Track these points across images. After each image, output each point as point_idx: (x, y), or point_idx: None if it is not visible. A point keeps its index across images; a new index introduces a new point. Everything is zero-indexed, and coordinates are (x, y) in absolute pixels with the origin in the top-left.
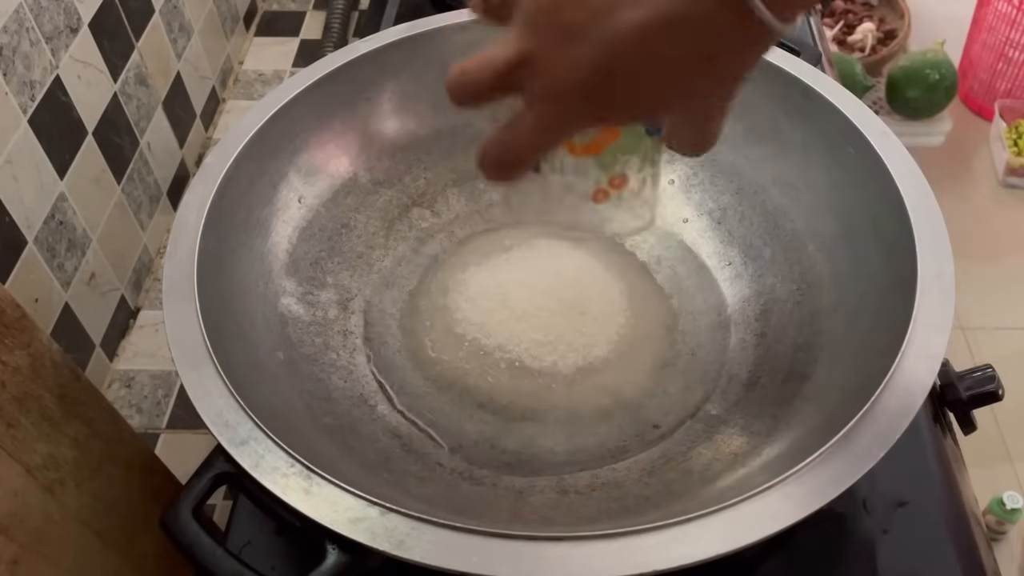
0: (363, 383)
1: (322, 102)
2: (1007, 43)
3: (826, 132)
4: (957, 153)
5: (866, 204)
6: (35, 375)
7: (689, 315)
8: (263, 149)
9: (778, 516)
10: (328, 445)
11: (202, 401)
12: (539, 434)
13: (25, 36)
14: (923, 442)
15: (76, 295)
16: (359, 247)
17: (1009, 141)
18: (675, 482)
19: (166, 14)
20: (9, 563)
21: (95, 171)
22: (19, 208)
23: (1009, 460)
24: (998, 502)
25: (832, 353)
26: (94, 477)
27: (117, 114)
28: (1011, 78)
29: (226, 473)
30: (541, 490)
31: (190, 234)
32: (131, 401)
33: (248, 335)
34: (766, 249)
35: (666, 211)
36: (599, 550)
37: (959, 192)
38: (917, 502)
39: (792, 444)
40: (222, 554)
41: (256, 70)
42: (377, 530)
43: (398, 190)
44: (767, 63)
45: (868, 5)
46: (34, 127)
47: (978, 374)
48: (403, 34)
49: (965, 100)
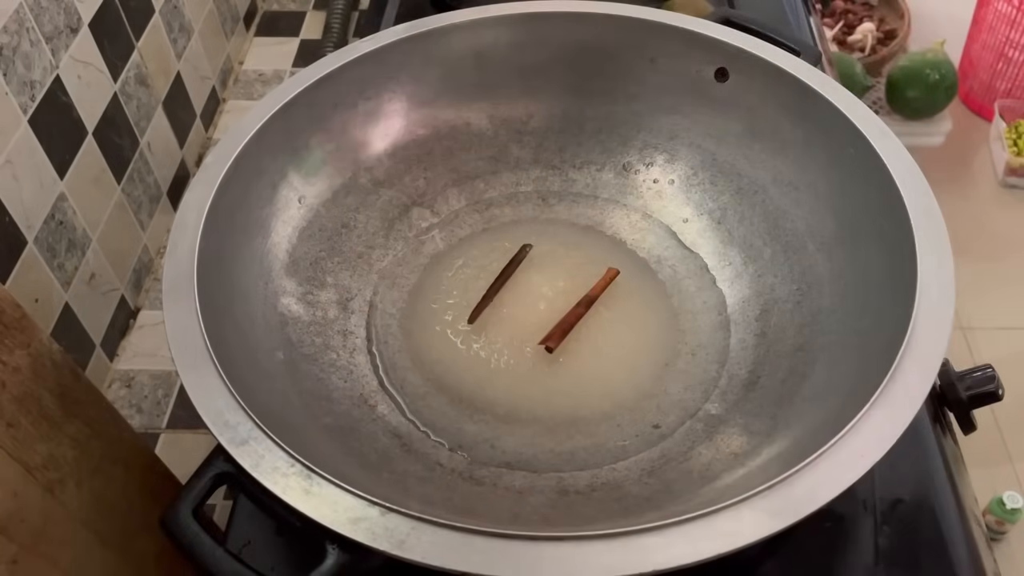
0: (363, 383)
1: (322, 102)
2: (1007, 43)
3: (826, 132)
4: (957, 153)
5: (866, 204)
6: (35, 375)
7: (689, 315)
8: (263, 149)
9: (778, 516)
10: (328, 445)
11: (202, 401)
12: (539, 434)
13: (25, 36)
14: (923, 442)
15: (76, 295)
16: (359, 247)
17: (1009, 141)
18: (675, 482)
19: (166, 14)
20: (9, 563)
21: (95, 171)
22: (19, 208)
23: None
24: (998, 502)
25: (832, 353)
26: (94, 477)
27: (117, 114)
28: (1011, 78)
29: (226, 473)
30: (541, 490)
31: (190, 234)
32: (131, 401)
33: (248, 335)
34: (766, 249)
35: (666, 211)
36: (599, 550)
37: (959, 192)
38: (917, 502)
39: (792, 444)
40: (222, 554)
41: (256, 70)
42: (377, 530)
43: (398, 190)
44: (767, 63)
45: (868, 5)
46: (34, 127)
47: (978, 374)
48: (403, 34)
49: (965, 100)
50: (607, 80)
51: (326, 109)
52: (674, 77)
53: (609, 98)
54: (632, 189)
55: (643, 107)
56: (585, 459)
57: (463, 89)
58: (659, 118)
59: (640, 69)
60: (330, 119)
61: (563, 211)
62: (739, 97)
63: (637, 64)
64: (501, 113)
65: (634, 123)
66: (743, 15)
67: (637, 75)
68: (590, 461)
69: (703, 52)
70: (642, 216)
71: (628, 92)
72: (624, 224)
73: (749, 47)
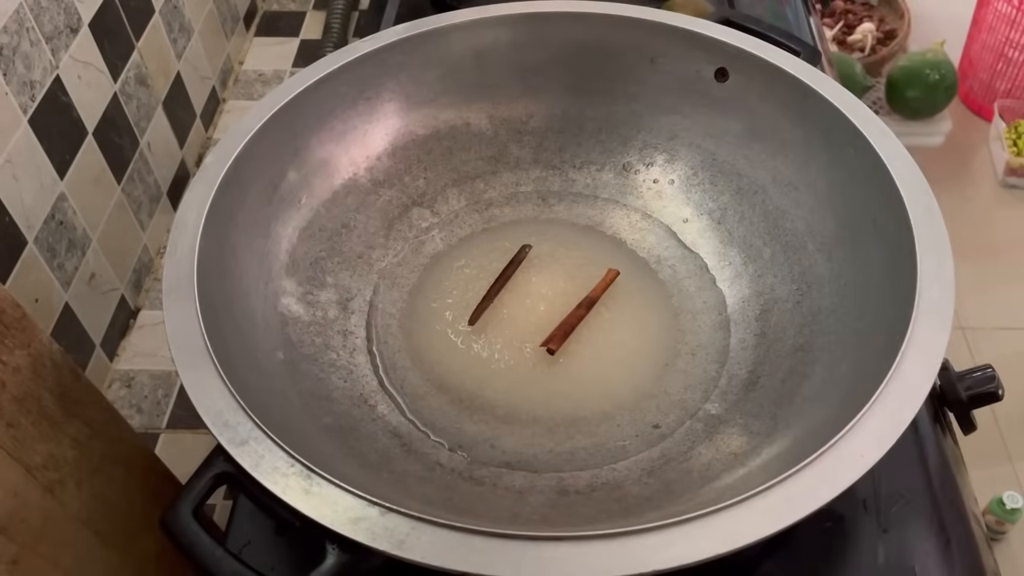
0: (363, 383)
1: (322, 102)
2: (1007, 43)
3: (826, 132)
4: (957, 153)
5: (866, 204)
6: (35, 375)
7: (689, 315)
8: (263, 149)
9: (778, 516)
10: (328, 445)
11: (202, 401)
12: (539, 434)
13: (25, 36)
14: (923, 442)
15: (76, 295)
16: (359, 247)
17: (1009, 141)
18: (675, 482)
19: (166, 14)
20: (9, 563)
21: (95, 171)
22: (19, 208)
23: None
24: (998, 502)
25: (832, 353)
26: (94, 477)
27: (117, 114)
28: (1011, 78)
29: (226, 473)
30: (541, 490)
31: (190, 234)
32: (131, 401)
33: (248, 335)
34: (766, 249)
35: (666, 211)
36: (599, 550)
37: (959, 192)
38: (917, 502)
39: (792, 444)
40: (222, 554)
41: (256, 70)
42: (377, 530)
43: (398, 190)
44: (767, 63)
45: (868, 5)
46: (34, 127)
47: (978, 374)
48: (403, 34)
49: (965, 100)
50: (607, 80)
51: (326, 109)
52: (674, 77)
53: (609, 98)
54: (632, 189)
55: (643, 107)
56: (585, 459)
57: (463, 89)
58: (659, 118)
59: (640, 69)
60: (330, 119)
61: (563, 211)
62: (739, 97)
63: (637, 64)
64: (501, 113)
65: (634, 123)
66: (743, 15)
67: (637, 75)
68: (590, 461)
69: (703, 52)
70: (642, 216)
71: (628, 92)
72: (624, 224)
73: (749, 47)
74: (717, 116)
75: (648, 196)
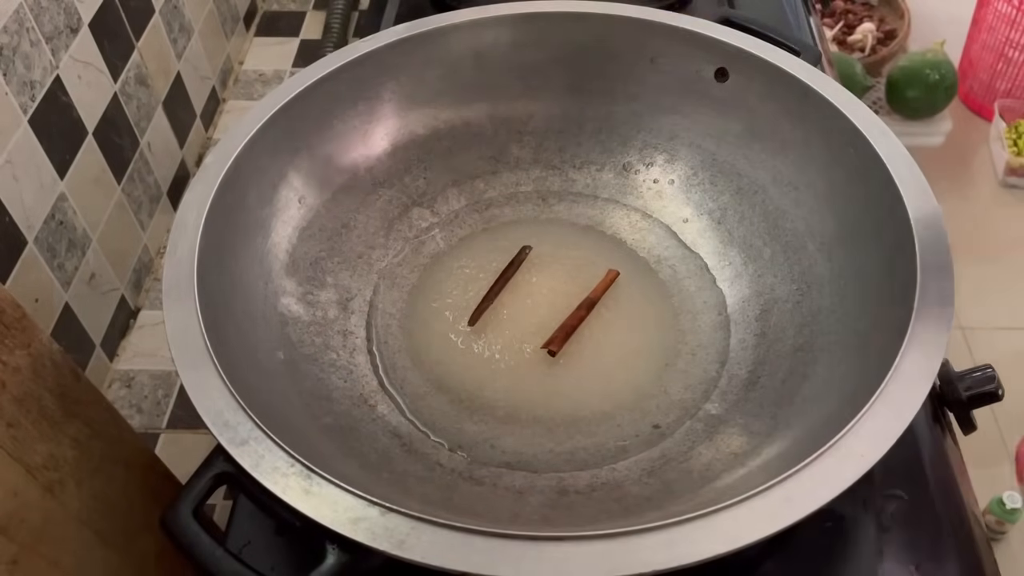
0: (363, 383)
1: (322, 102)
2: (1007, 43)
3: (826, 132)
4: (957, 153)
5: (866, 204)
6: (35, 375)
7: (689, 315)
8: (263, 149)
9: (778, 516)
10: (328, 445)
11: (202, 401)
12: (539, 434)
13: (25, 36)
14: (923, 442)
15: (76, 295)
16: (359, 247)
17: (1009, 141)
18: (675, 482)
19: (166, 14)
20: (9, 563)
21: (95, 171)
22: (19, 208)
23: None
24: (998, 502)
25: (832, 353)
26: (94, 477)
27: (117, 114)
28: (1011, 78)
29: (226, 473)
30: (541, 490)
31: (190, 234)
32: (131, 401)
33: (248, 335)
34: (766, 249)
35: (666, 211)
36: (599, 550)
37: (959, 192)
38: (917, 502)
39: (792, 444)
40: (222, 554)
41: (256, 70)
42: (377, 530)
43: (398, 190)
44: (767, 63)
45: (868, 5)
46: (34, 127)
47: (978, 374)
48: (403, 34)
49: (965, 100)
50: (607, 80)
51: (326, 109)
52: (674, 77)
53: (609, 98)
54: (632, 189)
55: (643, 107)
56: (585, 459)
57: (463, 89)
58: (659, 118)
59: (640, 69)
60: (330, 119)
61: (563, 211)
62: (739, 97)
63: (637, 64)
64: (501, 113)
65: (634, 123)
66: (743, 15)
67: (637, 75)
68: (590, 461)
69: (703, 52)
70: (642, 216)
71: (628, 92)
72: (624, 224)
73: (749, 47)
74: (717, 116)
75: (648, 196)
